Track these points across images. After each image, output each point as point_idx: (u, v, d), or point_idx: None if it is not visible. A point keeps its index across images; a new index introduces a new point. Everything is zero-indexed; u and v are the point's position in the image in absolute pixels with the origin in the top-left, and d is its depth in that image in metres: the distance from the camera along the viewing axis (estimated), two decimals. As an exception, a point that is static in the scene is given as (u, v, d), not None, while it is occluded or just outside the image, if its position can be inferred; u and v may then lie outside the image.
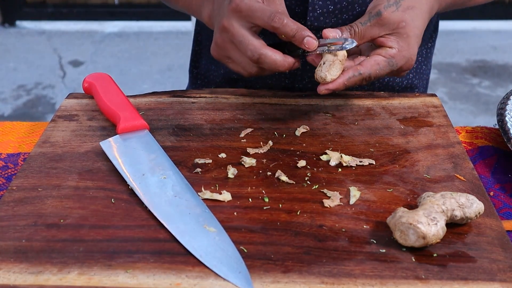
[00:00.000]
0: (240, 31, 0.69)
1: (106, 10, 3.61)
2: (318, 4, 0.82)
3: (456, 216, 0.58)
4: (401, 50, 0.73)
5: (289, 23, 0.68)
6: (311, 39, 0.68)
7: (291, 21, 0.68)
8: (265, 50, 0.68)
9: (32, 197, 0.64)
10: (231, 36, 0.70)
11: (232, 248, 0.57)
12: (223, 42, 0.71)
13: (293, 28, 0.68)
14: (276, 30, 0.68)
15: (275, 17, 0.67)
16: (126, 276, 0.54)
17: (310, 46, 0.68)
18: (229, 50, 0.71)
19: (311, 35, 0.69)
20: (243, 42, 0.69)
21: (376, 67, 0.72)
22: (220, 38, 0.71)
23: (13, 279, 0.54)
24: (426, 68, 1.00)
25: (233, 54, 0.71)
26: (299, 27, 0.68)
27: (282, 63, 0.69)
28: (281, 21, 0.67)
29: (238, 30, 0.69)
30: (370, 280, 0.54)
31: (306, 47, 0.69)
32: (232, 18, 0.69)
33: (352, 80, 0.71)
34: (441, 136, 0.76)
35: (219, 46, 0.72)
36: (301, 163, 0.70)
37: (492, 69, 3.06)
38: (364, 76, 0.72)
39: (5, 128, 0.81)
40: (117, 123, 0.73)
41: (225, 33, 0.70)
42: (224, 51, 0.72)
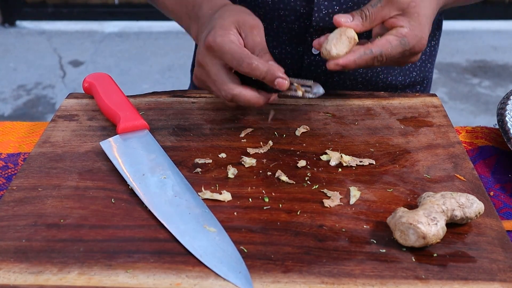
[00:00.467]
0: (214, 69, 0.70)
1: (106, 10, 3.61)
2: (323, 5, 0.82)
3: (456, 216, 0.58)
4: (413, 29, 0.71)
5: (259, 67, 0.67)
6: (282, 80, 0.68)
7: (261, 63, 0.67)
8: (238, 90, 0.69)
9: (32, 197, 0.64)
10: (206, 72, 0.71)
11: (232, 248, 0.57)
12: (201, 76, 0.72)
13: (263, 71, 0.67)
14: (247, 74, 0.69)
15: (243, 62, 0.67)
16: (126, 276, 0.54)
17: (281, 87, 0.68)
18: (207, 83, 0.72)
19: (282, 76, 0.68)
20: (217, 81, 0.70)
21: (388, 45, 0.70)
22: (198, 71, 0.73)
23: (13, 279, 0.54)
24: (431, 66, 1.00)
25: (211, 87, 0.72)
26: (269, 69, 0.67)
27: (256, 101, 0.70)
28: (249, 66, 0.67)
29: (211, 68, 0.70)
30: (370, 280, 0.54)
31: (277, 87, 0.69)
32: (206, 56, 0.70)
33: (363, 58, 0.70)
34: (441, 136, 0.76)
35: (198, 78, 0.74)
36: (301, 163, 0.70)
37: (492, 69, 3.06)
38: (376, 55, 0.70)
39: (5, 128, 0.81)
40: (117, 123, 0.73)
41: (201, 68, 0.71)
42: (203, 83, 0.73)
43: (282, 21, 0.87)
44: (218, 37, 0.68)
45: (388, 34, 0.71)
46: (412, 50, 0.72)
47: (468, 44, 3.32)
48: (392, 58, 0.72)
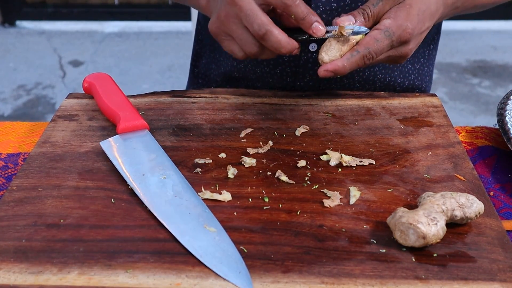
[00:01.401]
0: (249, 4, 0.67)
1: (106, 10, 3.61)
2: (321, 2, 0.82)
3: (456, 216, 0.58)
4: (397, 19, 0.70)
5: (300, 5, 0.67)
6: (319, 26, 0.68)
7: (303, 3, 0.67)
8: (272, 27, 0.67)
9: (32, 197, 0.64)
10: (238, 9, 0.68)
11: (232, 248, 0.57)
12: (227, 16, 0.69)
13: (304, 10, 0.67)
14: (287, 9, 0.67)
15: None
16: (126, 276, 0.54)
17: (317, 32, 0.68)
18: (231, 25, 0.69)
19: (320, 21, 0.68)
20: (250, 15, 0.67)
21: (373, 41, 0.70)
22: (224, 11, 0.69)
23: (13, 279, 0.54)
24: (429, 69, 1.00)
25: (235, 30, 0.69)
26: (310, 11, 0.68)
27: (286, 44, 0.68)
28: (293, 1, 0.66)
29: (247, 3, 0.67)
30: (370, 280, 0.54)
31: (313, 32, 0.68)
32: None
33: (352, 60, 0.70)
34: (441, 136, 0.76)
35: (221, 20, 0.70)
36: (301, 163, 0.69)
37: (492, 69, 3.06)
38: (364, 54, 0.70)
39: (5, 128, 0.81)
40: (117, 123, 0.73)
41: (231, 7, 0.68)
42: (225, 26, 0.70)
43: None
44: None
45: (372, 30, 0.71)
46: (399, 40, 0.71)
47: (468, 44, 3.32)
48: (382, 52, 0.71)
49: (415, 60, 0.96)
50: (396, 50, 0.73)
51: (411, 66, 0.96)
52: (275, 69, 0.91)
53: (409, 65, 0.95)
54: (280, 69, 0.90)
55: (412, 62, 0.96)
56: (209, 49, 1.01)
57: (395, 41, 0.71)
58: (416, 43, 0.74)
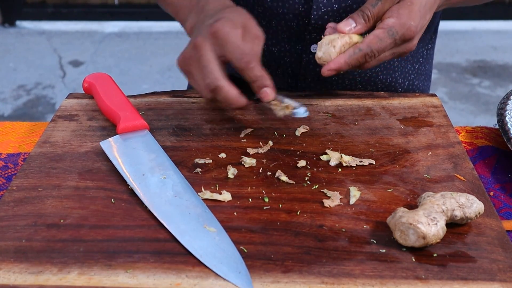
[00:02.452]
0: (208, 55, 0.69)
1: (106, 10, 3.61)
2: (322, 3, 0.82)
3: (456, 216, 0.58)
4: (400, 18, 0.71)
5: (254, 68, 0.68)
6: (269, 92, 0.69)
7: (258, 67, 0.68)
8: (223, 83, 0.69)
9: (32, 197, 0.64)
10: (199, 56, 0.70)
11: (232, 248, 0.57)
12: (190, 58, 0.71)
13: (256, 74, 0.68)
14: (241, 71, 0.69)
15: (243, 58, 0.68)
16: (126, 276, 0.54)
17: (266, 97, 0.70)
18: (192, 67, 0.71)
19: (271, 86, 0.69)
20: (206, 67, 0.69)
21: (376, 40, 0.70)
22: (188, 53, 0.71)
23: (13, 279, 0.54)
24: (427, 69, 1.00)
25: (195, 73, 0.71)
26: (262, 75, 0.69)
27: (235, 101, 0.70)
28: (247, 64, 0.68)
29: (206, 53, 0.69)
30: (370, 280, 0.54)
31: (261, 96, 0.70)
32: (207, 40, 0.69)
33: (354, 58, 0.70)
34: (441, 136, 0.76)
35: (185, 60, 0.72)
36: (301, 163, 0.69)
37: (492, 69, 3.06)
38: (366, 52, 0.70)
39: (5, 128, 0.81)
40: (117, 123, 0.73)
41: (195, 51, 0.70)
42: (188, 66, 0.72)
43: (281, 19, 0.87)
44: (226, 27, 0.68)
45: (376, 28, 0.71)
46: (402, 38, 0.71)
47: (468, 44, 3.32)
48: (385, 50, 0.71)
49: (414, 60, 0.96)
50: (400, 48, 0.73)
51: (411, 66, 0.96)
52: (276, 70, 0.91)
53: (409, 65, 0.95)
54: (281, 70, 0.91)
55: (412, 62, 0.96)
56: None
57: (398, 39, 0.71)
58: (419, 37, 0.74)
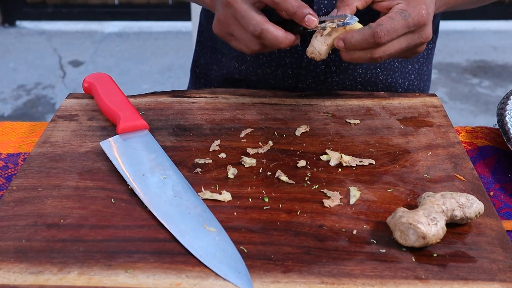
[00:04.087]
0: (243, 6, 0.68)
1: (106, 10, 3.61)
2: (323, 4, 0.82)
3: (456, 216, 0.58)
4: (410, 2, 0.69)
5: (291, 0, 0.67)
6: (311, 17, 0.68)
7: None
8: (267, 25, 0.68)
9: (32, 197, 0.64)
10: (234, 11, 0.69)
11: (232, 248, 0.57)
12: (225, 18, 0.71)
13: (294, 5, 0.68)
14: (277, 6, 0.68)
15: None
16: (126, 276, 0.54)
17: (310, 24, 0.69)
18: (231, 26, 0.71)
19: (312, 13, 0.68)
20: (245, 17, 0.68)
21: (388, 19, 0.68)
22: (223, 14, 0.71)
23: (13, 279, 0.54)
24: (427, 69, 1.00)
25: (235, 30, 0.71)
26: (300, 4, 0.68)
27: (284, 40, 0.69)
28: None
29: (240, 5, 0.69)
30: (370, 280, 0.54)
31: (306, 24, 0.69)
32: None
33: (363, 32, 0.68)
34: (441, 136, 0.76)
35: (221, 23, 0.72)
36: (301, 163, 0.69)
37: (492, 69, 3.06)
38: (376, 30, 0.67)
39: (5, 128, 0.81)
40: (117, 123, 0.73)
41: (228, 8, 0.70)
42: (226, 27, 0.71)
43: None
44: None
45: (388, 12, 0.70)
46: (415, 22, 0.69)
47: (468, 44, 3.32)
48: (397, 31, 0.68)
49: (415, 60, 0.96)
50: (415, 35, 0.70)
51: (411, 66, 0.96)
52: (276, 70, 0.91)
53: (409, 65, 0.95)
54: (281, 70, 0.90)
55: (412, 62, 0.96)
56: (210, 50, 1.01)
57: (411, 23, 0.69)
58: (431, 27, 0.72)
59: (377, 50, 0.69)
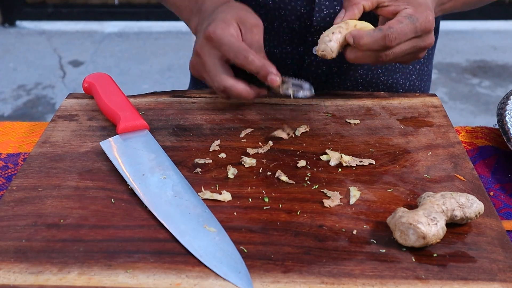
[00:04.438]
0: (210, 60, 0.73)
1: (106, 10, 3.61)
2: (324, 5, 0.82)
3: (456, 216, 0.58)
4: (416, 8, 0.71)
5: (254, 61, 0.70)
6: (274, 77, 0.71)
7: (257, 58, 0.70)
8: (230, 82, 0.72)
9: (32, 197, 0.64)
10: (203, 62, 0.73)
11: (232, 248, 0.57)
12: (197, 65, 0.75)
13: (257, 65, 0.71)
14: (241, 67, 0.71)
15: (240, 55, 0.70)
16: (126, 276, 0.54)
17: (273, 83, 0.71)
18: (202, 72, 0.75)
19: (275, 73, 0.71)
20: (211, 71, 0.73)
21: (397, 23, 0.69)
22: (194, 60, 0.76)
23: (13, 279, 0.54)
24: (428, 69, 1.00)
25: (205, 78, 0.75)
26: (263, 64, 0.71)
27: (247, 95, 0.73)
28: (245, 59, 0.70)
29: (208, 58, 0.73)
30: (370, 280, 0.54)
31: (269, 84, 0.72)
32: (204, 45, 0.73)
33: (374, 35, 0.69)
34: (441, 136, 0.76)
35: (194, 67, 0.76)
36: (301, 163, 0.69)
37: (492, 69, 3.06)
38: (387, 32, 0.68)
39: (5, 128, 0.81)
40: (117, 123, 0.73)
41: (198, 58, 0.74)
42: (198, 72, 0.76)
43: (283, 21, 0.87)
44: (218, 29, 0.71)
45: (397, 16, 0.71)
46: (422, 27, 0.70)
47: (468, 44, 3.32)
48: (405, 36, 0.70)
49: (416, 61, 0.96)
50: (420, 40, 0.72)
51: (412, 67, 0.96)
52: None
53: (410, 66, 0.95)
54: (283, 72, 0.90)
55: (413, 63, 0.96)
56: None
57: (419, 28, 0.70)
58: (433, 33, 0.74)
59: (384, 53, 0.71)
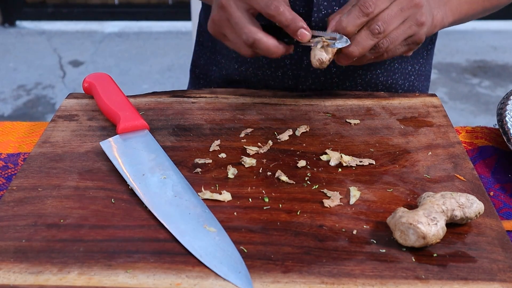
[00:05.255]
0: (237, 12, 0.69)
1: (106, 10, 3.61)
2: (323, 5, 0.82)
3: (456, 216, 0.58)
4: None
5: (285, 12, 0.67)
6: (304, 32, 0.68)
7: (288, 10, 0.67)
8: (260, 35, 0.68)
9: (32, 197, 0.64)
10: (228, 15, 0.69)
11: (232, 248, 0.57)
12: (220, 20, 0.71)
13: (288, 18, 0.67)
14: (271, 18, 0.68)
15: (271, 5, 0.67)
16: (126, 276, 0.54)
17: (303, 38, 0.69)
18: (225, 29, 0.71)
19: (305, 27, 0.68)
20: (238, 24, 0.68)
21: (381, 2, 0.68)
22: (217, 15, 0.71)
23: (13, 279, 0.54)
24: (426, 70, 1.00)
25: (229, 34, 0.71)
26: (294, 17, 0.68)
27: (276, 50, 0.69)
28: (277, 10, 0.67)
29: (235, 11, 0.69)
30: (370, 280, 0.54)
31: (299, 38, 0.69)
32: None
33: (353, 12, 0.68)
34: (441, 136, 0.76)
35: (216, 24, 0.72)
36: (301, 163, 0.69)
37: (492, 69, 3.06)
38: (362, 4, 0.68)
39: (5, 128, 0.81)
40: (117, 123, 0.73)
41: (222, 12, 0.70)
42: (220, 28, 0.72)
43: None
44: None
45: None
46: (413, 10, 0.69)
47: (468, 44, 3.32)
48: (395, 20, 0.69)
49: (415, 61, 0.96)
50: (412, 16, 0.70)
51: (411, 67, 0.96)
52: (276, 72, 0.91)
53: (409, 66, 0.95)
54: (281, 72, 0.90)
55: (412, 63, 0.96)
56: (209, 51, 1.01)
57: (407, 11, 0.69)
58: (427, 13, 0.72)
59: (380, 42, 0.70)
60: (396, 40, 0.71)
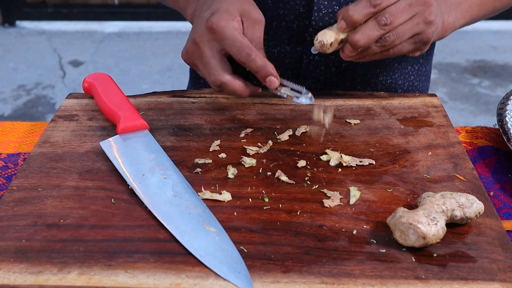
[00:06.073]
0: (208, 52, 0.70)
1: (106, 10, 3.61)
2: (323, 4, 0.82)
3: (456, 216, 0.58)
4: None
5: (256, 59, 0.68)
6: (273, 79, 0.70)
7: (259, 57, 0.69)
8: (227, 78, 0.70)
9: (32, 197, 0.64)
10: (200, 52, 0.71)
11: (232, 248, 0.57)
12: (192, 54, 0.72)
13: (258, 64, 0.69)
14: (243, 64, 0.69)
15: (243, 52, 0.68)
16: (126, 276, 0.54)
17: (271, 85, 0.70)
18: (196, 62, 0.73)
19: (275, 74, 0.70)
20: (209, 64, 0.70)
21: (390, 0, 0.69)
22: (191, 48, 0.72)
23: (13, 279, 0.54)
24: (426, 70, 1.00)
25: (200, 68, 0.73)
26: (264, 64, 0.69)
27: (242, 92, 0.71)
28: (248, 57, 0.68)
29: (207, 50, 0.70)
30: (370, 280, 0.54)
31: (267, 84, 0.70)
32: (204, 36, 0.70)
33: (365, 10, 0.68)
34: (441, 136, 0.76)
35: (188, 54, 0.73)
36: (301, 163, 0.69)
37: (492, 69, 3.06)
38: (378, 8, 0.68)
39: (5, 128, 0.81)
40: (117, 123, 0.73)
41: (195, 47, 0.71)
42: (193, 60, 0.73)
43: (282, 21, 0.87)
44: (222, 21, 0.68)
45: None
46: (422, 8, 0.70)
47: (468, 44, 3.32)
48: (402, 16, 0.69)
49: (415, 61, 0.96)
50: (420, 17, 0.71)
51: (411, 67, 0.96)
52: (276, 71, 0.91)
53: (409, 66, 0.95)
54: (281, 71, 0.90)
55: (412, 63, 0.96)
56: None
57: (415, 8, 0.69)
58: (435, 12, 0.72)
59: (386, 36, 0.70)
60: (403, 35, 0.71)
